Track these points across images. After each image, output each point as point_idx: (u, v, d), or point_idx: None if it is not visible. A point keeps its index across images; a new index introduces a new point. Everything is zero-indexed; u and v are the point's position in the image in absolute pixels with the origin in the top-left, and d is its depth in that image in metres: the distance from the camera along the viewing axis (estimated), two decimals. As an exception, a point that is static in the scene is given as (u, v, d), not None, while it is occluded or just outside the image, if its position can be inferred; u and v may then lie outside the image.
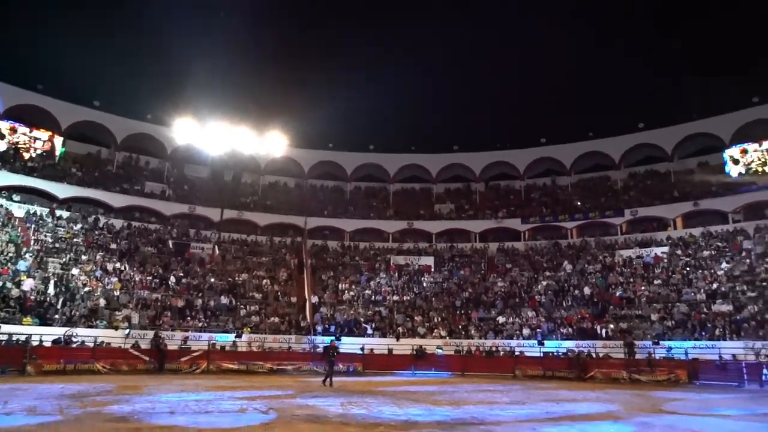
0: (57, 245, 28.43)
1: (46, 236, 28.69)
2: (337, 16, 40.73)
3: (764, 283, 26.47)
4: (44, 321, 22.68)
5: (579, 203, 39.41)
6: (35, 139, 33.70)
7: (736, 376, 19.73)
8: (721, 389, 18.35)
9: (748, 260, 28.92)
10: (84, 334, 22.46)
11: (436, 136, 43.17)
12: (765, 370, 19.50)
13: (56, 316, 23.28)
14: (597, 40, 38.70)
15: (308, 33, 41.76)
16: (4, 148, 32.27)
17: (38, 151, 33.60)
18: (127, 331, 24.15)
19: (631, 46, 38.44)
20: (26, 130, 33.54)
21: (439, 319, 30.95)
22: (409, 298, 33.12)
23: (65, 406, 11.01)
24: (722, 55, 36.48)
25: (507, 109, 43.45)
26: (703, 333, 24.83)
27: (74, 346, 21.51)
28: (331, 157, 43.74)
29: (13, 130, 32.98)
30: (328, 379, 17.59)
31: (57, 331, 22.00)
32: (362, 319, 30.48)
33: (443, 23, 41.23)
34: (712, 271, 29.03)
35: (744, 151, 33.60)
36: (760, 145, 33.00)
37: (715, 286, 27.74)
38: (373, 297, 32.97)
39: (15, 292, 22.94)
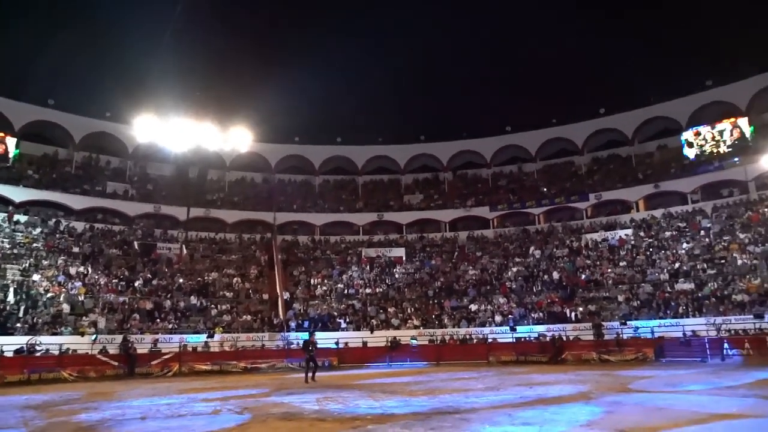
0: (15, 251, 27.39)
1: (3, 242, 27.61)
2: (298, 9, 40.21)
3: (722, 261, 27.50)
4: (5, 330, 21.87)
5: (545, 189, 40.07)
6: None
7: (699, 352, 20.45)
8: (686, 365, 18.99)
9: (707, 239, 29.95)
10: (48, 342, 21.77)
11: (403, 126, 43.26)
12: (726, 345, 20.25)
13: (18, 325, 22.48)
14: (556, 29, 39.32)
15: (269, 27, 41.18)
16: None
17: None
18: (94, 336, 23.50)
19: (589, 33, 39.13)
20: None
21: (413, 309, 31.12)
22: (381, 290, 33.16)
23: (30, 417, 10.63)
24: (676, 39, 37.52)
25: (472, 98, 43.81)
26: (668, 311, 25.67)
27: (38, 354, 20.83)
28: (297, 151, 43.28)
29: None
30: (311, 375, 17.30)
31: (19, 341, 21.26)
32: (336, 313, 30.40)
33: (403, 11, 41.12)
34: (674, 251, 29.97)
35: (698, 134, 34.67)
36: (713, 128, 34.10)
37: (677, 265, 28.66)
38: (346, 290, 32.89)
39: (-28, 302, 22.07)
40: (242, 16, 39.42)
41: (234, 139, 32.26)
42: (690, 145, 34.89)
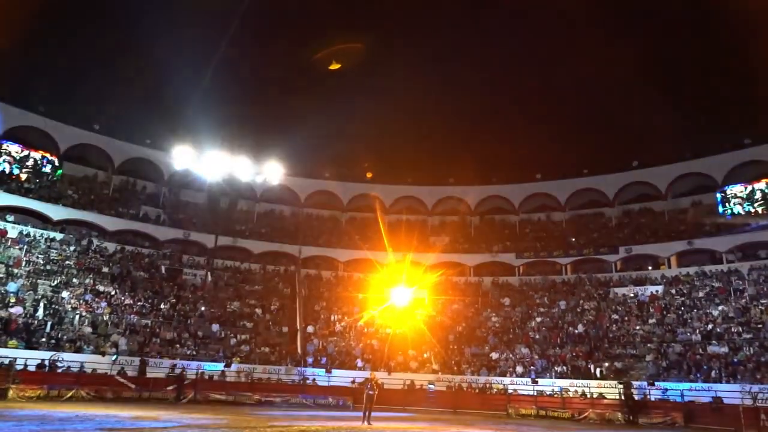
0: (48, 267, 28.13)
1: (38, 258, 28.40)
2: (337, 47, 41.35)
3: (759, 326, 26.36)
4: (30, 344, 22.25)
5: (573, 239, 39.41)
6: (43, 162, 34.09)
7: (732, 421, 19.35)
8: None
9: (743, 301, 28.84)
10: (70, 359, 22.04)
11: (432, 168, 43.46)
12: (763, 416, 19.12)
13: (43, 340, 22.87)
14: (592, 79, 39.38)
15: (308, 68, 42.40)
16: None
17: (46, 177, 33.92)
18: (114, 356, 23.70)
19: (626, 85, 39.14)
20: (27, 151, 33.79)
21: (432, 353, 30.55)
22: (401, 330, 32.69)
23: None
24: (715, 97, 37.21)
25: (502, 144, 43.88)
26: (699, 375, 24.56)
27: (60, 371, 21.07)
28: (327, 187, 43.86)
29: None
30: (367, 416, 16.09)
31: (43, 355, 21.59)
32: (354, 351, 30.03)
33: (439, 60, 41.95)
34: (707, 311, 28.90)
35: (738, 192, 34.02)
36: (754, 186, 33.41)
37: (710, 326, 27.57)
38: (366, 329, 32.56)
39: (2, 314, 22.58)
40: (283, 59, 40.73)
41: (266, 171, 33.00)
42: (727, 202, 34.15)
